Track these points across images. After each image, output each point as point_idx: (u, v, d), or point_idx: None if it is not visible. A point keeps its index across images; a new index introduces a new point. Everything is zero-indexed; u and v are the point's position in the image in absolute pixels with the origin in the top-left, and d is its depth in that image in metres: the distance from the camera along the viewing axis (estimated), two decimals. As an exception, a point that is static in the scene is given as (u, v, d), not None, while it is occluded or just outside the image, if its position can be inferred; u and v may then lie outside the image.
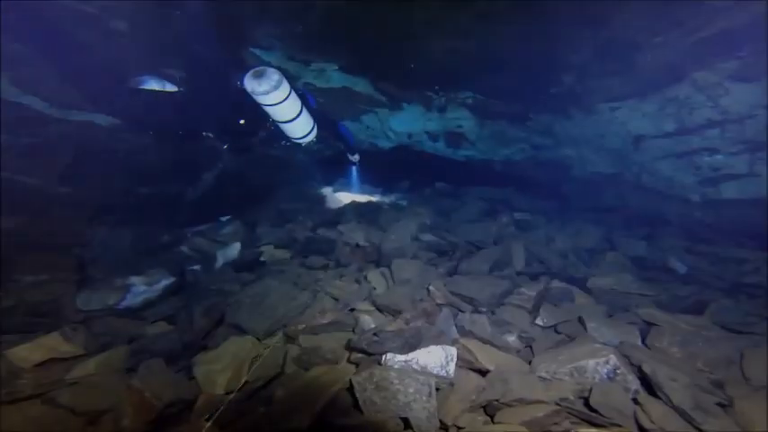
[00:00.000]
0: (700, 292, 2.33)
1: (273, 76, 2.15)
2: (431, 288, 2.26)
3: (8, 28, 2.15)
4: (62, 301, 2.45)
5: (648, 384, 1.41)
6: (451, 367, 1.56)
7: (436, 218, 3.72)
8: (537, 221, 3.65)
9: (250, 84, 2.13)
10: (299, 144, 2.57)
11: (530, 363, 1.61)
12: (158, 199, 3.51)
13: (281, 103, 2.20)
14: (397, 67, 3.46)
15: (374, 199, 4.91)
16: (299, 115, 2.34)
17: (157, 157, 3.41)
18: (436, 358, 1.58)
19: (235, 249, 3.09)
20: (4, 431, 1.38)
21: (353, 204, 4.50)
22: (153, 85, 2.10)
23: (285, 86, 2.19)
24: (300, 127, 2.40)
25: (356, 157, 3.34)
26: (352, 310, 2.21)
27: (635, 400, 1.37)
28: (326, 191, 5.16)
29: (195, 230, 3.56)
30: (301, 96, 2.46)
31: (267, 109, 2.29)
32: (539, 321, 1.93)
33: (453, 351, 1.60)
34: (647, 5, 2.32)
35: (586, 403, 1.35)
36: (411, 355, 1.59)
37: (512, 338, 1.79)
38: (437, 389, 1.47)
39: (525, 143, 4.69)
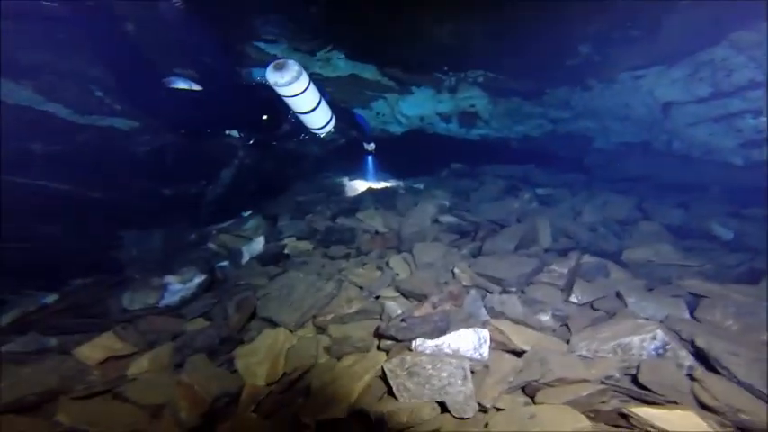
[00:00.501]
0: (751, 259, 2.16)
1: (294, 66, 2.17)
2: (455, 270, 2.23)
3: (30, 36, 2.19)
4: (108, 301, 2.61)
5: (705, 360, 1.32)
6: (485, 349, 1.54)
7: (455, 199, 3.65)
8: (561, 195, 3.52)
9: (272, 76, 2.16)
10: (318, 135, 2.57)
11: (567, 342, 1.56)
12: (181, 199, 3.59)
13: (301, 93, 2.22)
14: (403, 50, 3.36)
15: (390, 185, 4.88)
16: (318, 105, 2.35)
17: (176, 157, 3.48)
18: (468, 341, 1.56)
19: (259, 244, 3.13)
20: (87, 422, 1.51)
21: (370, 191, 4.48)
22: (180, 84, 2.14)
23: (305, 77, 2.21)
24: (320, 117, 2.41)
25: (372, 146, 3.31)
26: (378, 297, 2.22)
27: (690, 377, 1.29)
28: (343, 180, 5.16)
29: (220, 227, 3.64)
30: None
31: (288, 101, 2.31)
32: (573, 298, 1.87)
33: (485, 333, 1.57)
34: None
35: (635, 381, 1.29)
36: (442, 340, 1.57)
37: (545, 317, 1.75)
38: (472, 372, 1.45)
39: (542, 118, 4.52)
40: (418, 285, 2.10)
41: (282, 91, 2.19)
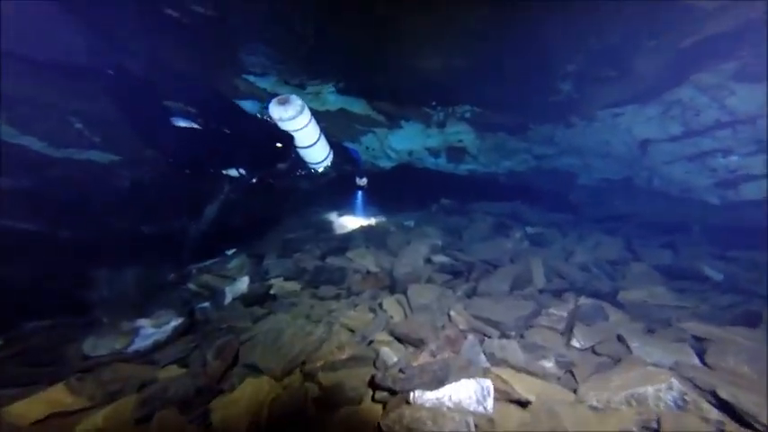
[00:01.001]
0: (744, 301, 2.18)
1: (297, 101, 2.19)
2: (451, 313, 2.15)
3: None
4: (67, 347, 2.36)
5: (733, 413, 1.24)
6: (489, 402, 1.44)
7: (446, 237, 3.62)
8: (551, 235, 3.54)
9: (276, 111, 2.16)
10: (315, 170, 2.56)
11: (575, 391, 1.47)
12: (161, 236, 3.43)
13: (304, 127, 2.22)
14: (392, 85, 3.45)
15: (380, 221, 4.83)
16: (318, 139, 2.35)
17: (157, 192, 3.36)
18: (471, 393, 1.46)
19: (243, 284, 2.98)
20: None
21: (360, 229, 4.42)
22: (181, 123, 2.10)
23: (307, 111, 2.22)
24: (319, 151, 2.42)
25: (364, 181, 3.29)
26: (371, 342, 2.11)
27: (723, 433, 1.20)
28: (331, 216, 5.09)
29: (201, 266, 3.47)
30: None
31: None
32: (574, 343, 1.81)
33: (488, 383, 1.48)
34: (634, 11, 2.31)
35: (658, 436, 1.20)
36: (442, 392, 1.47)
37: (548, 364, 1.67)
38: (476, 426, 1.35)
39: (527, 153, 4.66)
40: (414, 330, 2.01)
41: (286, 125, 2.19)
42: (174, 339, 2.44)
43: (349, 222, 4.79)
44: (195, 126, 2.14)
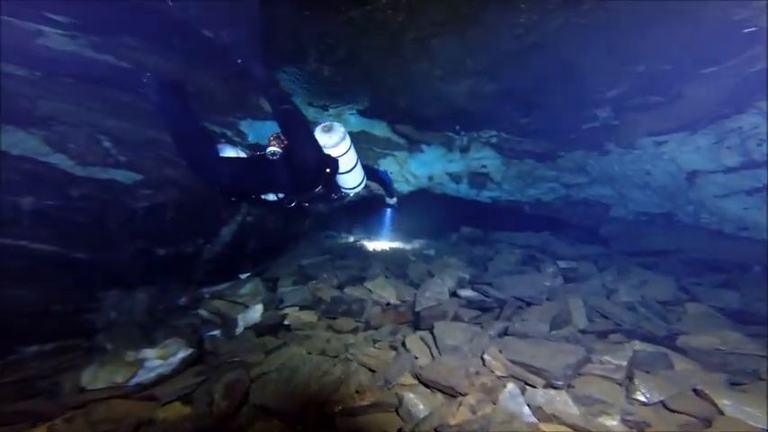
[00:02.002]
0: None
1: (340, 128, 2.19)
2: (486, 357, 1.90)
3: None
4: (65, 375, 2.20)
5: None
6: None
7: (471, 269, 3.38)
8: (586, 270, 3.24)
9: (322, 138, 2.15)
10: (349, 194, 2.49)
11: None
12: (175, 257, 3.31)
13: (344, 154, 2.18)
14: (415, 108, 3.36)
15: (398, 248, 4.65)
16: (355, 165, 2.29)
17: (175, 213, 3.27)
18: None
19: (256, 312, 2.80)
20: None
21: (378, 255, 4.23)
22: (228, 152, 2.08)
23: (348, 138, 2.21)
24: (355, 176, 2.36)
25: (394, 200, 3.19)
26: (393, 385, 1.88)
27: None
28: (348, 240, 4.93)
29: (213, 291, 3.31)
30: None
31: None
32: (638, 396, 1.53)
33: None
34: (691, 36, 2.15)
35: None
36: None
37: (612, 422, 1.40)
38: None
39: (555, 182, 4.46)
40: (444, 375, 1.77)
41: (330, 152, 2.16)
42: (180, 372, 2.25)
43: (365, 246, 4.62)
44: (240, 155, 2.11)
